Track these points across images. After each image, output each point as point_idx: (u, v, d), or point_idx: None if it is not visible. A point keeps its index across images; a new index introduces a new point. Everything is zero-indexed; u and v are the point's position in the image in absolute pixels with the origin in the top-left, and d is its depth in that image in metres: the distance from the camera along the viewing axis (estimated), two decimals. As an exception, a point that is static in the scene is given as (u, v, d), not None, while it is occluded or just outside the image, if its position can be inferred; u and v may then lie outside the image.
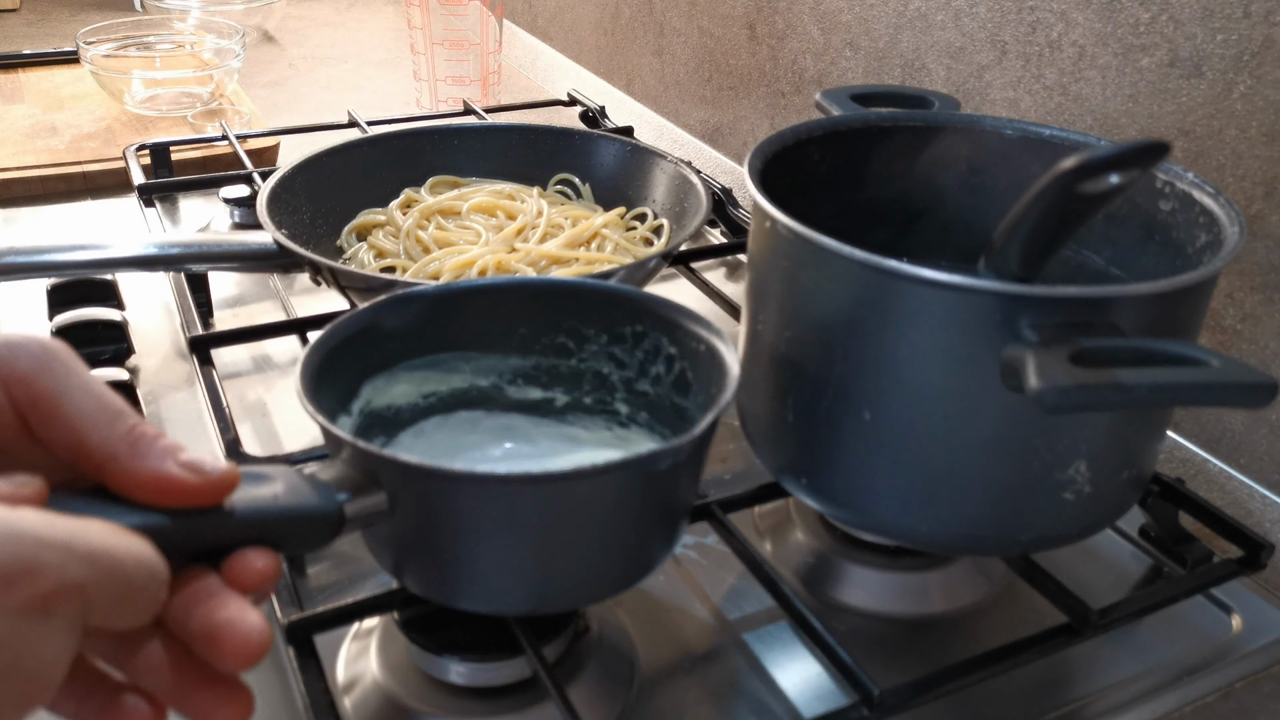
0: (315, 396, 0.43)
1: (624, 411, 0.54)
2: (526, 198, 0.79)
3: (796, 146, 0.57)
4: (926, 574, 0.56)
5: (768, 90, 1.00)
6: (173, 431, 0.66)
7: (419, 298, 0.51)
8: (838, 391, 0.47)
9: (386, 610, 0.49)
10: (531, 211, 0.77)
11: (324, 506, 0.38)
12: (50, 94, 1.21)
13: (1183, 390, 0.39)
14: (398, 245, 0.75)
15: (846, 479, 0.49)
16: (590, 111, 1.14)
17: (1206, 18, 0.60)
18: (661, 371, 0.52)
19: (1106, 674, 0.52)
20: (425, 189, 0.82)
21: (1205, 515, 0.57)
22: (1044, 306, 0.41)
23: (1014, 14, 0.72)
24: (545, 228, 0.75)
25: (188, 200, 0.98)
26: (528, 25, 1.51)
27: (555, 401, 0.55)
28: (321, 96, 1.33)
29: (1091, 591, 0.52)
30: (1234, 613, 0.56)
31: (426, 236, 0.74)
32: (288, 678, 0.49)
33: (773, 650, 0.52)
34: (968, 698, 0.49)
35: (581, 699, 0.47)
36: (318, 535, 0.39)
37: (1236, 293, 0.61)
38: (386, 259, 0.74)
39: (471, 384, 0.54)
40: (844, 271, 0.45)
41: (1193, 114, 0.61)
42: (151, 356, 0.74)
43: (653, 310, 0.51)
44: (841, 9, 0.88)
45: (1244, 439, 0.62)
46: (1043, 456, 0.45)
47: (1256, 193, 0.59)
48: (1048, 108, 0.71)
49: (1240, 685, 0.53)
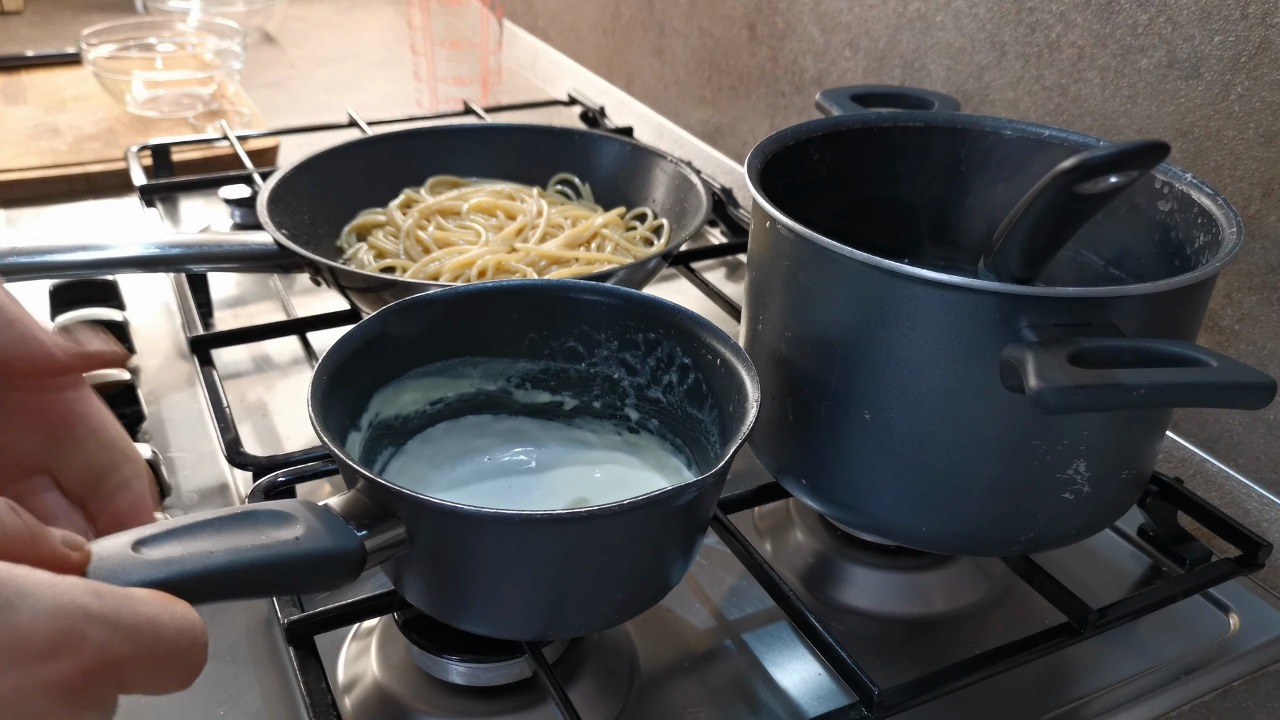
0: (326, 420, 0.43)
1: (634, 417, 0.54)
2: (526, 198, 0.79)
3: (796, 146, 0.57)
4: (926, 574, 0.56)
5: (768, 90, 1.00)
6: (173, 431, 0.66)
7: (429, 303, 0.51)
8: (838, 392, 0.47)
9: (386, 610, 0.49)
10: (531, 211, 0.77)
11: (345, 546, 0.38)
12: (52, 95, 1.21)
13: (1182, 390, 0.39)
14: (398, 245, 0.75)
15: (846, 479, 0.49)
16: (590, 111, 1.14)
17: (1204, 19, 0.60)
18: (674, 380, 0.52)
19: (1105, 673, 0.52)
20: (425, 189, 0.82)
21: (1203, 515, 0.57)
22: (1044, 307, 0.41)
23: (1013, 15, 0.72)
24: (545, 228, 0.75)
25: (188, 200, 0.98)
26: (528, 25, 1.51)
27: (564, 405, 0.55)
28: (322, 97, 1.33)
29: (1091, 591, 0.53)
30: (1232, 612, 0.56)
31: (426, 236, 0.75)
32: (288, 678, 0.49)
33: (773, 650, 0.52)
34: (968, 698, 0.50)
35: (581, 699, 0.47)
36: (340, 575, 0.39)
37: (1235, 293, 0.61)
38: (386, 259, 0.74)
39: (479, 389, 0.54)
40: (844, 272, 0.45)
41: (1191, 115, 0.62)
42: (152, 357, 0.74)
43: (666, 318, 0.51)
44: (841, 9, 0.88)
45: (1242, 439, 0.62)
46: (1042, 456, 0.45)
47: (1254, 194, 0.59)
48: (1047, 108, 0.71)
49: (1238, 684, 0.53)
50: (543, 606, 0.42)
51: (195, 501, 0.61)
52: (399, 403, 0.52)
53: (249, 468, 0.58)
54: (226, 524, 0.37)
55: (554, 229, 0.76)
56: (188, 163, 1.03)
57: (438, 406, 0.54)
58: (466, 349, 0.53)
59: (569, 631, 0.47)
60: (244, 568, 0.36)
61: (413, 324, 0.51)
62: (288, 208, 0.72)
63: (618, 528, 0.40)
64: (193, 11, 1.46)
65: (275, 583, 0.37)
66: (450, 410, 0.54)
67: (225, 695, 0.48)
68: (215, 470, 0.63)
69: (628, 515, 0.39)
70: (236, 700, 0.48)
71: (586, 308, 0.53)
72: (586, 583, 0.42)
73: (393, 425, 0.52)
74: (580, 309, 0.53)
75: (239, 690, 0.49)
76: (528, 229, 0.75)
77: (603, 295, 0.52)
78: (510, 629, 0.44)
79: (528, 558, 0.40)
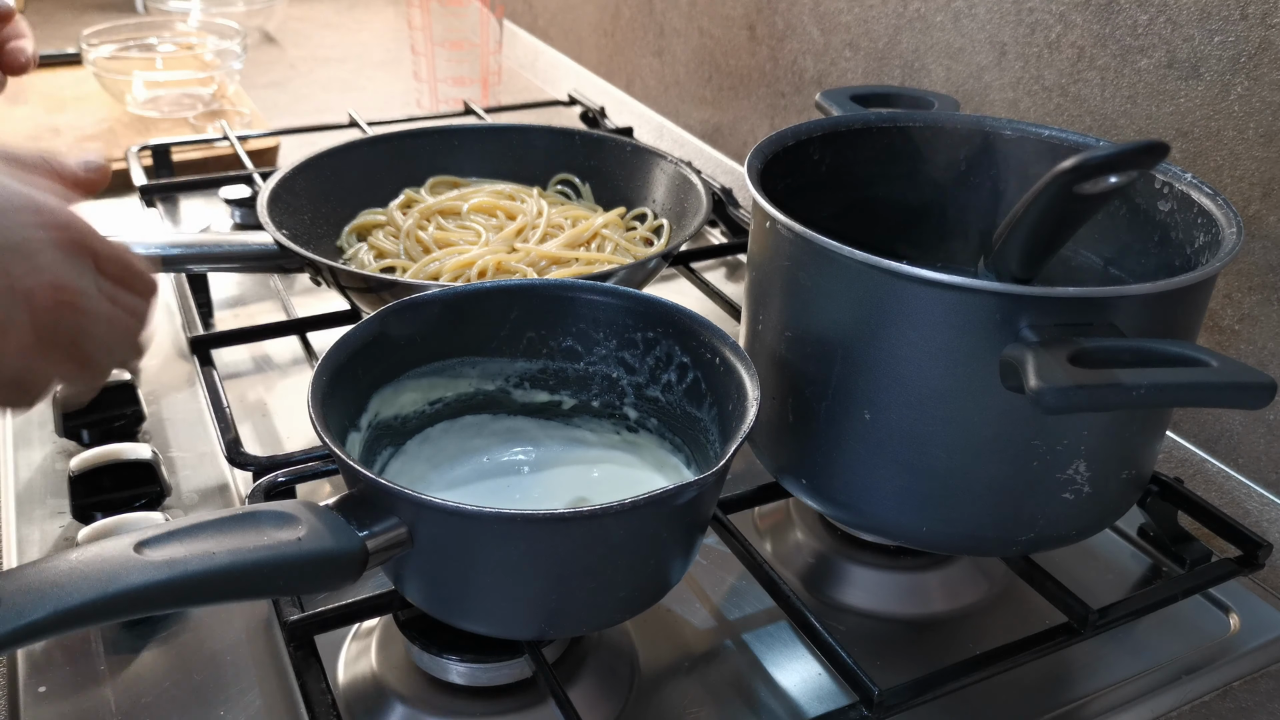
0: (326, 420, 0.43)
1: (633, 416, 0.54)
2: (527, 198, 0.79)
3: (796, 146, 0.57)
4: (926, 574, 0.56)
5: (768, 90, 1.00)
6: (173, 431, 0.66)
7: (427, 303, 0.51)
8: (838, 392, 0.47)
9: (386, 610, 0.49)
10: (532, 212, 0.77)
11: (347, 547, 0.38)
12: (53, 95, 1.21)
13: (1182, 390, 0.39)
14: (398, 245, 0.75)
15: (846, 479, 0.49)
16: (590, 112, 1.14)
17: (1204, 20, 0.60)
18: (673, 379, 0.52)
19: (1106, 673, 0.52)
20: (425, 189, 0.82)
21: (1204, 515, 0.57)
22: (1043, 307, 0.41)
23: (1013, 15, 0.72)
24: (545, 228, 0.75)
25: (189, 200, 0.98)
26: (528, 25, 1.51)
27: (562, 404, 0.55)
28: (322, 97, 1.33)
29: (1091, 591, 0.53)
30: (1232, 612, 0.56)
31: (427, 237, 0.75)
32: (288, 678, 0.49)
33: (773, 650, 0.52)
34: (968, 698, 0.50)
35: (581, 699, 0.47)
36: (342, 576, 0.39)
37: (1234, 293, 0.61)
38: (386, 259, 0.74)
39: (478, 389, 0.54)
40: (844, 272, 0.45)
41: (1190, 115, 0.62)
42: (152, 357, 0.74)
43: (664, 316, 0.51)
44: (841, 9, 0.88)
45: (1242, 439, 0.62)
46: (1042, 457, 0.45)
47: (1254, 194, 0.59)
48: (1047, 108, 0.71)
49: (1238, 684, 0.53)
50: (543, 606, 0.42)
51: (195, 502, 0.61)
52: (398, 403, 0.52)
53: (249, 468, 0.58)
54: (228, 525, 0.37)
55: (554, 229, 0.76)
56: (188, 163, 1.03)
57: (436, 406, 0.54)
58: (465, 349, 0.53)
59: (569, 631, 0.47)
60: (246, 568, 0.36)
61: (411, 324, 0.51)
62: (288, 208, 0.72)
63: (619, 527, 0.40)
64: (193, 11, 1.46)
65: (277, 583, 0.37)
66: (449, 410, 0.54)
67: (225, 695, 0.48)
68: (215, 470, 0.63)
69: (629, 514, 0.39)
70: (236, 700, 0.48)
71: (584, 307, 0.53)
72: (587, 582, 0.42)
73: (392, 425, 0.52)
74: (578, 308, 0.53)
75: (239, 690, 0.49)
76: (528, 229, 0.76)
77: (600, 294, 0.52)
78: (510, 629, 0.44)
79: (529, 557, 0.40)
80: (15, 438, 0.65)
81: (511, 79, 1.45)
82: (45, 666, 0.49)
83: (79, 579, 0.34)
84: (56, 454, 0.64)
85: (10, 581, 0.33)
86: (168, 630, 0.52)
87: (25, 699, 0.48)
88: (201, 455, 0.65)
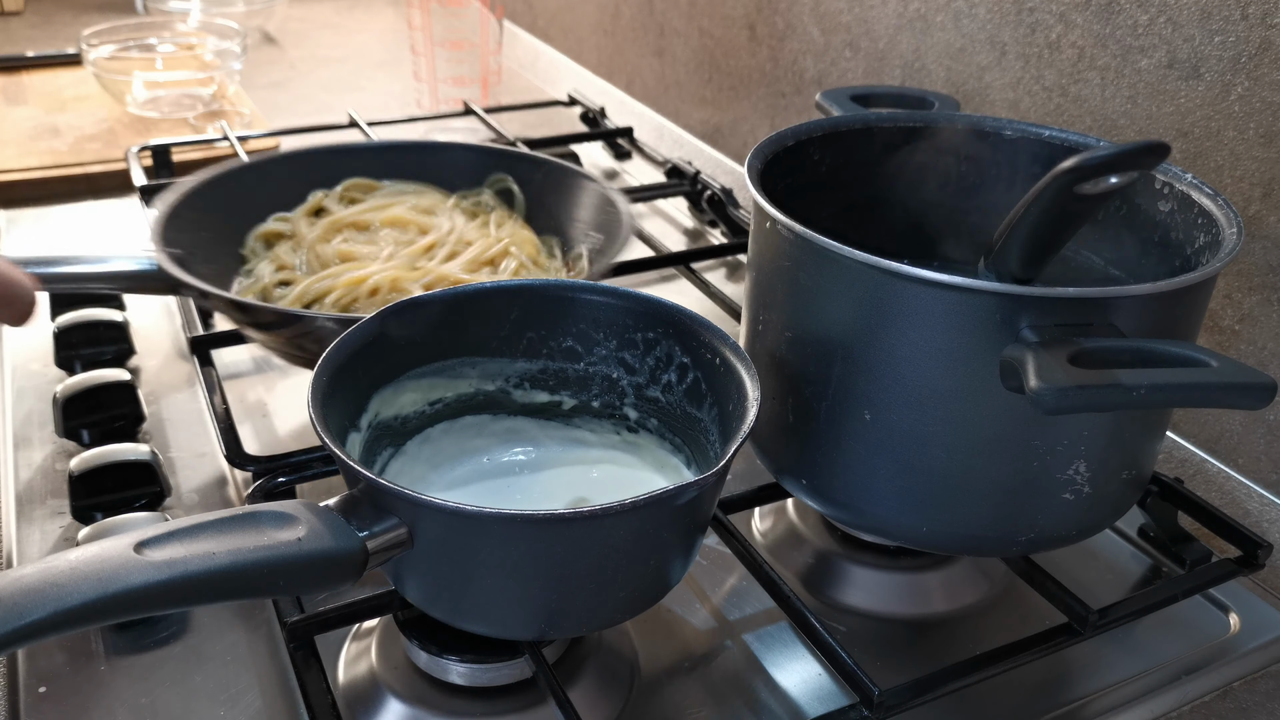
0: (326, 420, 0.43)
1: (633, 417, 0.54)
2: (441, 211, 0.75)
3: (796, 147, 0.57)
4: (926, 574, 0.56)
5: (768, 90, 1.00)
6: (173, 431, 0.66)
7: (426, 304, 0.51)
8: (838, 392, 0.47)
9: (386, 610, 0.49)
10: (444, 229, 0.73)
11: (348, 547, 0.38)
12: (53, 96, 1.21)
13: (1182, 390, 0.39)
14: (296, 258, 0.71)
15: (846, 479, 0.49)
16: (590, 112, 1.14)
17: (1204, 20, 0.60)
18: (673, 379, 0.52)
19: (1106, 674, 0.52)
20: (337, 191, 0.77)
21: (1204, 515, 0.57)
22: (1044, 307, 0.41)
23: (1013, 15, 0.72)
24: (452, 245, 0.71)
25: (188, 201, 0.98)
26: (528, 25, 1.51)
27: (562, 405, 0.55)
28: (322, 97, 1.33)
29: (1091, 592, 0.53)
30: (1232, 612, 0.56)
31: (330, 250, 0.71)
32: (288, 678, 0.49)
33: (773, 650, 0.52)
34: (968, 698, 0.50)
35: (581, 699, 0.47)
36: (343, 576, 0.39)
37: (1235, 293, 0.61)
38: (285, 271, 0.70)
39: (478, 389, 0.54)
40: (844, 272, 0.45)
41: (1191, 115, 0.62)
42: (152, 357, 0.74)
43: (664, 317, 0.51)
44: (841, 9, 0.88)
45: (1242, 439, 0.62)
46: (1043, 457, 0.45)
47: (1254, 194, 0.59)
48: (1047, 109, 0.71)
49: (1238, 684, 0.53)
50: (543, 606, 0.42)
51: (195, 502, 0.61)
52: (398, 403, 0.52)
53: (249, 468, 0.58)
54: (229, 525, 0.37)
55: (462, 245, 0.72)
56: (188, 163, 1.03)
57: (436, 407, 0.54)
58: (465, 349, 0.53)
59: (569, 631, 0.47)
60: (246, 569, 0.36)
61: (411, 324, 0.51)
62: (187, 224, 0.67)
63: (619, 527, 0.40)
64: (193, 12, 1.46)
65: (277, 584, 0.37)
66: (449, 410, 0.54)
67: (225, 695, 0.48)
68: (215, 470, 0.63)
69: (629, 515, 0.39)
70: (236, 700, 0.48)
71: (584, 307, 0.53)
72: (587, 582, 0.42)
73: (392, 426, 0.52)
74: (578, 308, 0.53)
75: (239, 690, 0.49)
76: (438, 246, 0.72)
77: (601, 295, 0.52)
78: (511, 629, 0.44)
79: (529, 558, 0.40)
80: (15, 438, 0.65)
81: (511, 79, 1.45)
82: (45, 666, 0.49)
83: (79, 579, 0.34)
84: (56, 454, 0.64)
85: (10, 581, 0.33)
86: (168, 630, 0.52)
87: (25, 699, 0.48)
88: (201, 455, 0.65)
